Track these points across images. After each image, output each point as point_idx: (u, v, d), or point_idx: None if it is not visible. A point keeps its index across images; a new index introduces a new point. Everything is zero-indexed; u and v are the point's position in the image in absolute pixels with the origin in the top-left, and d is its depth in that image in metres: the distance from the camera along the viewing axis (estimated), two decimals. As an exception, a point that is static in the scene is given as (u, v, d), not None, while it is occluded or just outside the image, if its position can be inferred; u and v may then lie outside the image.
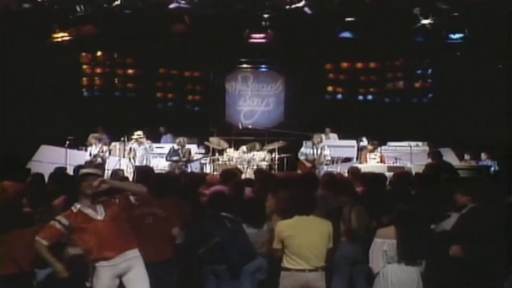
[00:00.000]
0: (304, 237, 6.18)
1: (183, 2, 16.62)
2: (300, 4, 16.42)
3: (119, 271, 6.09)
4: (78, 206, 6.13)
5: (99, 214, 6.14)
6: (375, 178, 8.42)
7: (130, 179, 10.83)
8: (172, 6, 16.76)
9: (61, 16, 17.48)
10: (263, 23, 18.18)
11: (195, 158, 15.69)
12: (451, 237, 5.69)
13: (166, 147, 15.92)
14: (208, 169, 15.59)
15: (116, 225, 6.13)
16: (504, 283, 5.48)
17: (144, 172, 9.68)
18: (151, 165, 14.29)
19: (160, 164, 15.11)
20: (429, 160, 11.87)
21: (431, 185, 7.65)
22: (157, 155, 15.74)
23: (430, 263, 5.86)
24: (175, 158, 14.83)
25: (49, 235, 5.96)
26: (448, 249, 5.61)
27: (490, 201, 5.94)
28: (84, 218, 6.09)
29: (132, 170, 14.24)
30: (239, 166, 14.16)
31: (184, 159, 14.87)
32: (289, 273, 6.17)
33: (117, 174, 10.50)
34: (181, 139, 15.36)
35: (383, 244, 5.95)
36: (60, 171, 10.44)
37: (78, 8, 17.11)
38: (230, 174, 9.15)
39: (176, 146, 15.20)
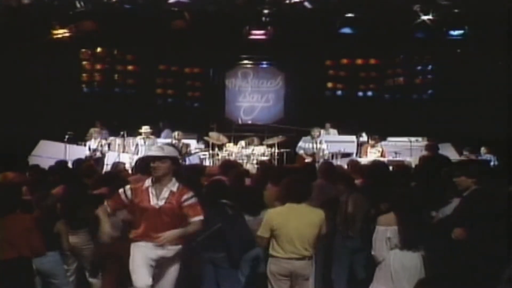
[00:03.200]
0: (293, 226, 6.13)
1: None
2: (300, -1, 16.52)
3: (153, 256, 6.07)
4: (149, 183, 6.16)
5: (160, 200, 6.09)
6: (378, 166, 8.49)
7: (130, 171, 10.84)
8: (172, 1, 16.79)
9: (61, 12, 17.41)
10: (263, 19, 18.19)
11: (193, 152, 15.73)
12: (454, 220, 5.70)
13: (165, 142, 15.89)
14: (207, 164, 15.60)
15: (169, 217, 6.07)
16: (506, 269, 5.49)
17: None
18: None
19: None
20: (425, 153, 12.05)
21: (431, 175, 7.69)
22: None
23: (432, 248, 5.88)
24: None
25: (112, 202, 6.21)
26: (450, 233, 5.62)
27: (493, 184, 5.97)
28: (145, 197, 6.11)
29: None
30: (238, 161, 14.19)
31: (182, 153, 14.90)
32: (277, 260, 6.15)
33: (118, 167, 10.53)
34: (176, 133, 15.44)
35: (386, 231, 5.94)
36: (61, 164, 10.53)
37: (78, 4, 17.12)
38: (230, 165, 9.19)
39: (173, 141, 15.25)
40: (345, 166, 10.94)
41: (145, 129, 15.47)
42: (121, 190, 6.22)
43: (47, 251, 6.56)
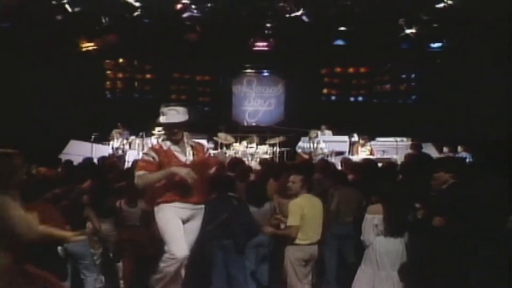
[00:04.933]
0: (315, 213, 6.30)
1: (195, 11, 16.74)
2: (299, 13, 16.53)
3: (181, 215, 5.72)
4: (169, 144, 5.80)
5: (186, 156, 5.75)
6: (368, 164, 8.52)
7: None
8: (185, 15, 16.90)
9: (88, 27, 17.57)
10: (266, 32, 18.28)
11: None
12: (434, 210, 5.71)
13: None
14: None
15: (198, 172, 5.60)
16: (481, 251, 5.50)
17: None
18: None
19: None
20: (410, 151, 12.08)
21: (415, 171, 7.69)
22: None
23: (414, 235, 5.90)
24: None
25: (143, 166, 5.71)
26: (431, 222, 5.63)
27: (468, 178, 5.98)
28: (171, 157, 5.70)
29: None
30: (244, 159, 14.18)
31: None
32: (301, 247, 6.23)
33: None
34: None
35: (374, 219, 5.97)
36: (88, 161, 10.58)
37: (103, 20, 17.23)
38: (236, 162, 9.22)
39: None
40: (339, 164, 10.97)
41: (158, 130, 15.51)
42: (145, 157, 5.82)
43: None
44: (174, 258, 5.59)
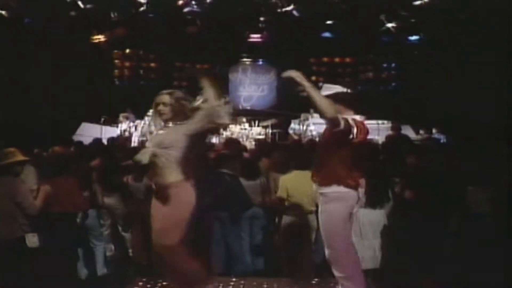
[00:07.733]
0: (302, 187, 6.20)
1: (195, 6, 16.70)
2: (290, 8, 16.49)
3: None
4: None
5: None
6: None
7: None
8: (186, 10, 16.85)
9: (99, 21, 17.59)
10: (260, 25, 18.21)
11: None
12: (406, 185, 5.73)
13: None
14: (214, 140, 15.57)
15: (322, 155, 4.63)
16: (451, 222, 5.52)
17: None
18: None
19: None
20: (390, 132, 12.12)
21: (395, 150, 7.69)
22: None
23: (392, 207, 5.91)
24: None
25: None
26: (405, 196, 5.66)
27: (441, 155, 6.00)
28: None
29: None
30: (239, 139, 14.12)
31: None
32: (291, 216, 6.26)
33: (143, 144, 10.46)
34: None
35: None
36: (97, 141, 10.53)
37: (112, 15, 17.21)
38: (232, 142, 9.22)
39: None
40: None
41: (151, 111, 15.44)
42: None
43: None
44: None
